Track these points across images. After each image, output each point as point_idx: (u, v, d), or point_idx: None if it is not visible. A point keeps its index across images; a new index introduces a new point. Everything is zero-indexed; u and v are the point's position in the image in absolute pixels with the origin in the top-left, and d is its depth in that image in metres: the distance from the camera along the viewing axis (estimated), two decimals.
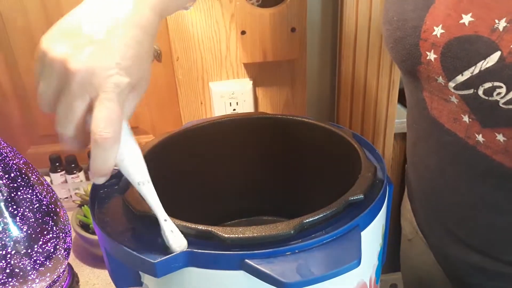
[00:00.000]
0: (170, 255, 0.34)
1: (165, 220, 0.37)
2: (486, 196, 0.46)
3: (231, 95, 0.86)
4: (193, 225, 0.36)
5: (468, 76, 0.40)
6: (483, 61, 0.38)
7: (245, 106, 0.87)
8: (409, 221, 0.65)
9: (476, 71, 0.39)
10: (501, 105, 0.39)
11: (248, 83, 0.86)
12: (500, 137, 0.41)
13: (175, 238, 0.36)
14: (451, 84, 0.42)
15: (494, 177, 0.44)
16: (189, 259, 0.35)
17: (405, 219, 0.68)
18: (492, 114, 0.40)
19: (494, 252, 0.50)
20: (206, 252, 0.34)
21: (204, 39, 0.83)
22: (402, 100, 1.06)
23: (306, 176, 0.58)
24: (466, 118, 0.43)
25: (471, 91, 0.41)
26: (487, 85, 0.39)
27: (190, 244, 0.36)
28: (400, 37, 0.45)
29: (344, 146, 0.49)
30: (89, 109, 0.34)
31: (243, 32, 0.79)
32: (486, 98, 0.40)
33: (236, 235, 0.35)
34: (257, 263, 0.33)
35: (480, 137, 0.43)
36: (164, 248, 0.36)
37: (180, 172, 0.55)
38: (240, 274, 0.34)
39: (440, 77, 0.43)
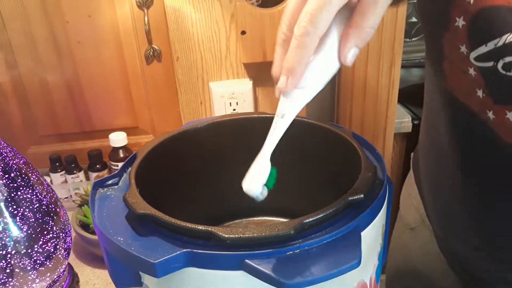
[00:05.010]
0: (170, 255, 0.34)
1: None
2: (497, 178, 0.47)
3: (231, 95, 0.86)
4: (193, 225, 0.36)
5: (492, 47, 0.40)
6: (509, 33, 0.38)
7: (245, 106, 0.87)
8: (415, 207, 0.64)
9: (500, 43, 0.39)
10: None
11: (248, 83, 0.86)
12: (510, 116, 0.41)
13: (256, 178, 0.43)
14: (473, 55, 0.42)
15: (505, 157, 0.45)
16: (189, 259, 0.35)
17: (408, 207, 0.67)
18: (506, 90, 0.41)
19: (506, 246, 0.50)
20: (206, 252, 0.34)
21: (204, 39, 0.83)
22: (402, 100, 1.06)
23: (306, 176, 0.58)
24: (480, 93, 0.43)
25: (491, 63, 0.41)
26: (508, 59, 0.39)
27: (190, 244, 0.36)
28: (433, 1, 0.46)
29: (344, 146, 0.49)
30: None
31: (243, 32, 0.79)
32: (504, 73, 0.40)
33: (236, 235, 0.35)
34: (257, 263, 0.33)
35: (491, 114, 0.43)
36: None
37: (180, 172, 0.55)
38: (240, 274, 0.34)
39: (464, 46, 0.43)
